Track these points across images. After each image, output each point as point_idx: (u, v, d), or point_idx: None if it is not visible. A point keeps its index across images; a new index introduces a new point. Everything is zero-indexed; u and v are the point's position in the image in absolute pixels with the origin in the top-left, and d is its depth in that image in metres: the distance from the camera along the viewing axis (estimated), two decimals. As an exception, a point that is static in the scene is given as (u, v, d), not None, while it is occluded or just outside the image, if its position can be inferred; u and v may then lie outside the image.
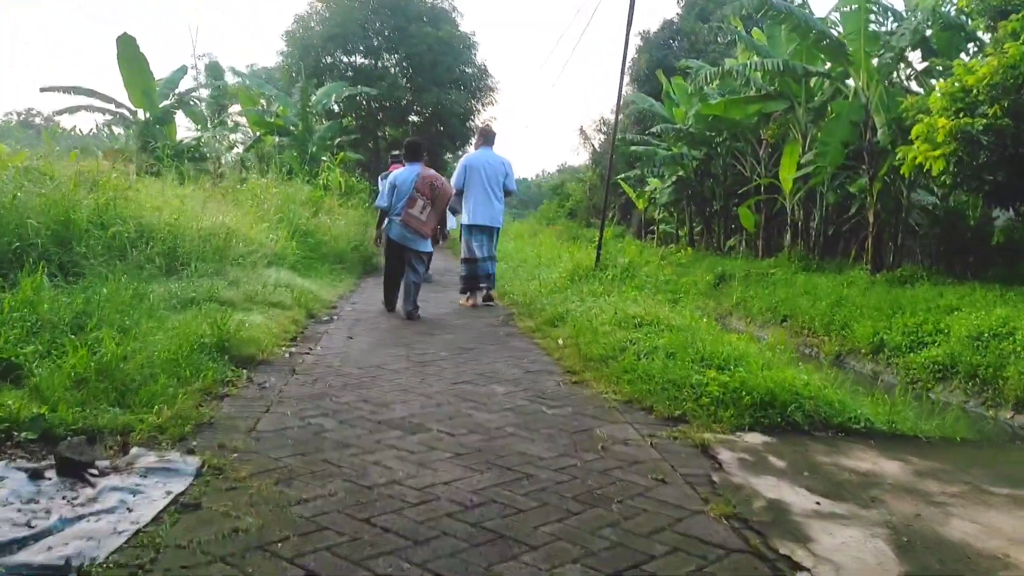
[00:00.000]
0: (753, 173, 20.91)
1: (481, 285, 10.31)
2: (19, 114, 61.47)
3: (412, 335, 7.69)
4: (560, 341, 7.23)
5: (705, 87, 19.15)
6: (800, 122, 17.50)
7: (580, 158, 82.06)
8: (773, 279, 16.11)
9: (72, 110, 23.77)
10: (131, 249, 8.18)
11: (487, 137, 10.19)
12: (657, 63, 34.10)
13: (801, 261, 16.78)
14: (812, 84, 17.30)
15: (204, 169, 19.24)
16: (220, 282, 8.40)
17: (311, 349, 6.59)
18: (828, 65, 16.18)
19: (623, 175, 29.74)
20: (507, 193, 10.08)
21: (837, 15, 15.91)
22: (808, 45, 15.66)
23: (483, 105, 32.79)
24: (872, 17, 15.20)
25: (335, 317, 8.51)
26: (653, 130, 22.79)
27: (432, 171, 9.22)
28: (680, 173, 23.74)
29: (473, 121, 32.58)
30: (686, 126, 21.95)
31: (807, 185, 16.80)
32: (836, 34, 15.10)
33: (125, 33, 21.75)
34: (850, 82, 15.86)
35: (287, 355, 6.24)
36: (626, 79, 37.24)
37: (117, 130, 25.38)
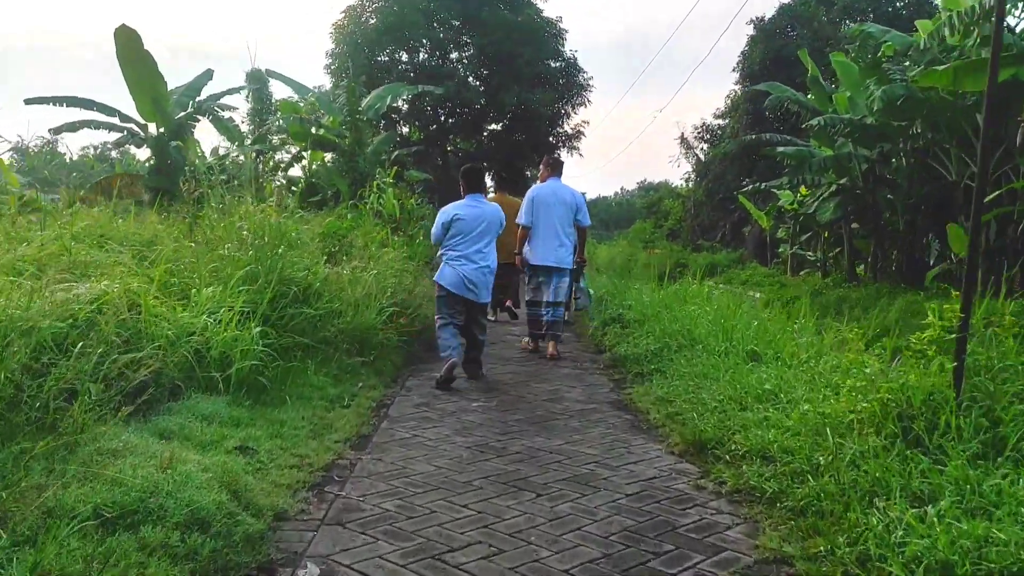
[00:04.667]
0: (965, 176, 14.18)
1: (544, 334, 8.41)
2: (95, 148, 57.47)
3: None
4: None
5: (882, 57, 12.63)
6: (1079, 93, 10.77)
7: (680, 171, 75.01)
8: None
9: (72, 127, 18.33)
10: None
11: (555, 167, 8.86)
12: (775, 54, 27.42)
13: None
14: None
15: (172, 193, 13.45)
16: None
17: None
18: None
19: (745, 189, 23.12)
20: (580, 229, 8.62)
21: None
22: None
23: (573, 107, 26.17)
24: None
25: None
26: (814, 123, 16.09)
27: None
28: (843, 180, 17.06)
29: (562, 127, 26.00)
30: (857, 117, 15.37)
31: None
32: None
33: (123, 25, 16.21)
34: None
35: None
36: (735, 76, 30.61)
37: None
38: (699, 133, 31.04)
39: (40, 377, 3.91)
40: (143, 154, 21.68)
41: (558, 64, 25.23)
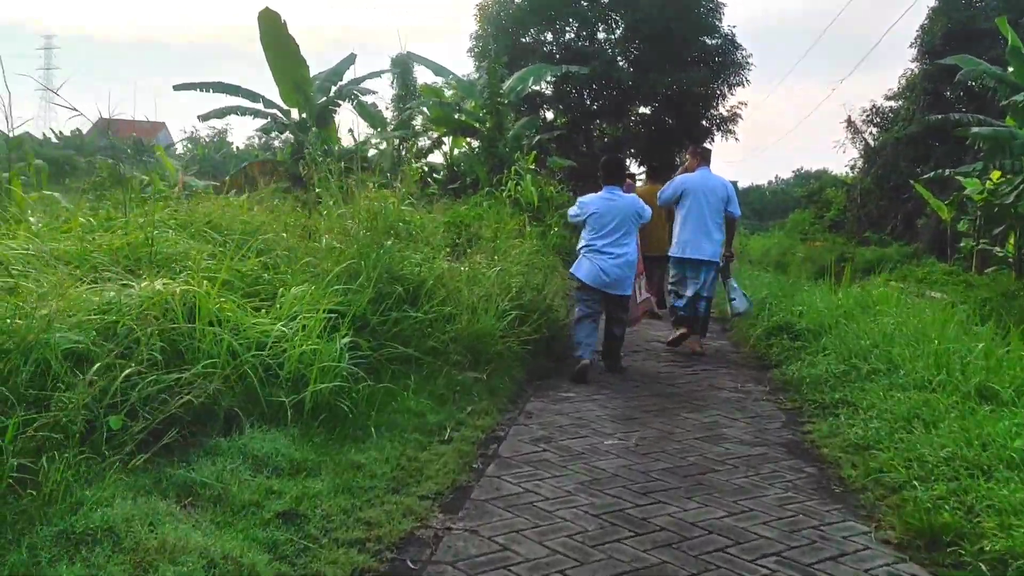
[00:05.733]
0: None
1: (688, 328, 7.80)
2: (260, 136, 59.26)
3: None
4: None
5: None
6: None
7: (843, 158, 70.14)
8: None
9: (220, 113, 18.29)
10: None
11: (705, 157, 8.18)
12: (959, 27, 24.31)
13: None
14: None
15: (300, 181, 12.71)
16: None
17: None
18: None
19: (924, 176, 20.47)
20: (730, 220, 7.90)
21: None
22: None
23: (730, 87, 24.05)
24: None
25: None
26: (1018, 99, 13.66)
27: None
28: (1052, 165, 14.48)
29: (716, 109, 23.92)
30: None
31: None
32: None
33: (267, 8, 15.87)
34: None
35: None
36: (912, 52, 27.54)
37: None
38: (868, 116, 28.17)
39: (37, 410, 2.97)
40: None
41: (714, 41, 23.20)
